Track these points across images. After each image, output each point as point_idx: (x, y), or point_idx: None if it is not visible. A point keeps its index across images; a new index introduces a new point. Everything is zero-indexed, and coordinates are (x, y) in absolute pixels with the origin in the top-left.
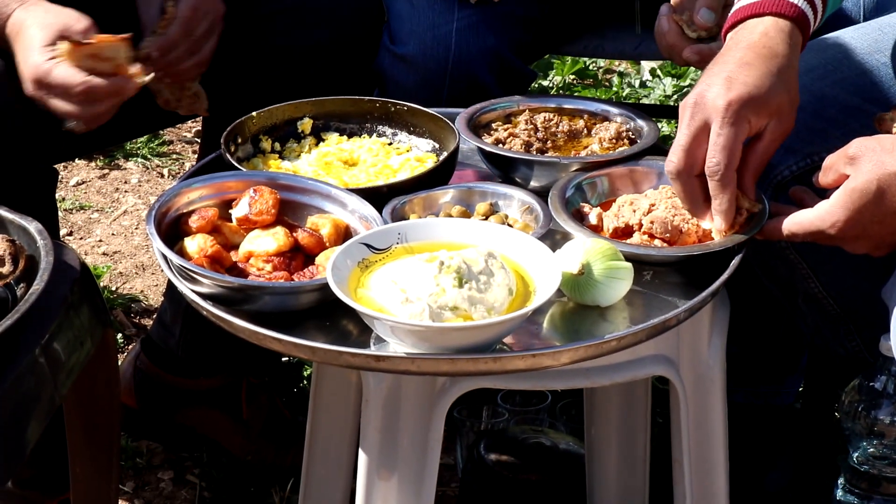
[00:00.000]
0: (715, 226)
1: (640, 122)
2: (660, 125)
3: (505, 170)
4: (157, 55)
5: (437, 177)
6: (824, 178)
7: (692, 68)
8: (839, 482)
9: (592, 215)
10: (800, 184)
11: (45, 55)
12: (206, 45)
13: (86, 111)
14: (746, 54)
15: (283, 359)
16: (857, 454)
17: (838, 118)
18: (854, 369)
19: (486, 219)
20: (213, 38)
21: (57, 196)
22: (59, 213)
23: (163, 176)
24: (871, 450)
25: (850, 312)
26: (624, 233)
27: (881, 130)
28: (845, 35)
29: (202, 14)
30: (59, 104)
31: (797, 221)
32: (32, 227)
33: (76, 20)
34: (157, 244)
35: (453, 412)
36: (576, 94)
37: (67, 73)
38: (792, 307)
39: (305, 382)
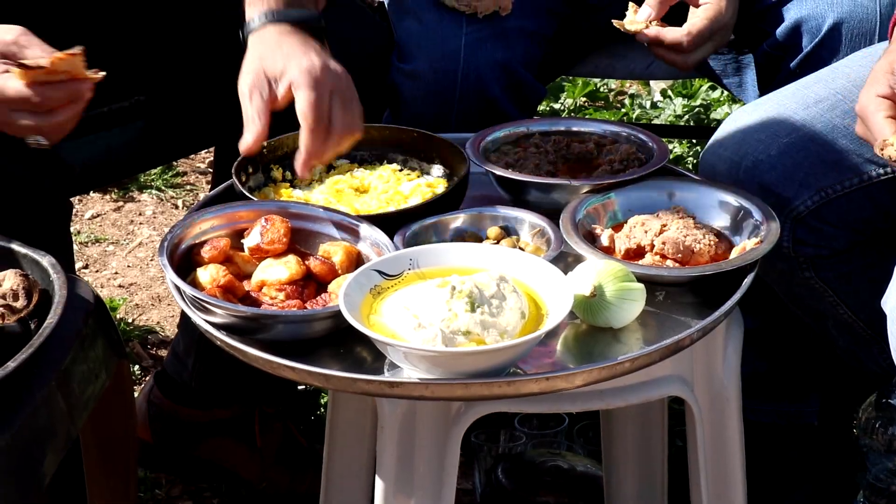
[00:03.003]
0: None
1: (650, 144)
2: (670, 145)
3: (516, 193)
4: (304, 174)
5: (448, 202)
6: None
7: (702, 88)
8: (858, 499)
9: (604, 237)
10: (815, 218)
11: None
12: (340, 117)
13: (46, 122)
14: None
15: (300, 387)
16: (875, 471)
17: (849, 148)
18: (873, 385)
19: (498, 243)
20: (348, 109)
21: (72, 229)
22: (75, 246)
23: (177, 207)
24: (890, 466)
25: (880, 333)
26: (636, 254)
27: (883, 156)
28: (852, 63)
29: (325, 98)
30: (21, 118)
31: None
32: (45, 261)
33: (30, 44)
34: (170, 275)
35: (470, 437)
36: (587, 116)
37: (20, 86)
38: (822, 331)
39: (322, 410)
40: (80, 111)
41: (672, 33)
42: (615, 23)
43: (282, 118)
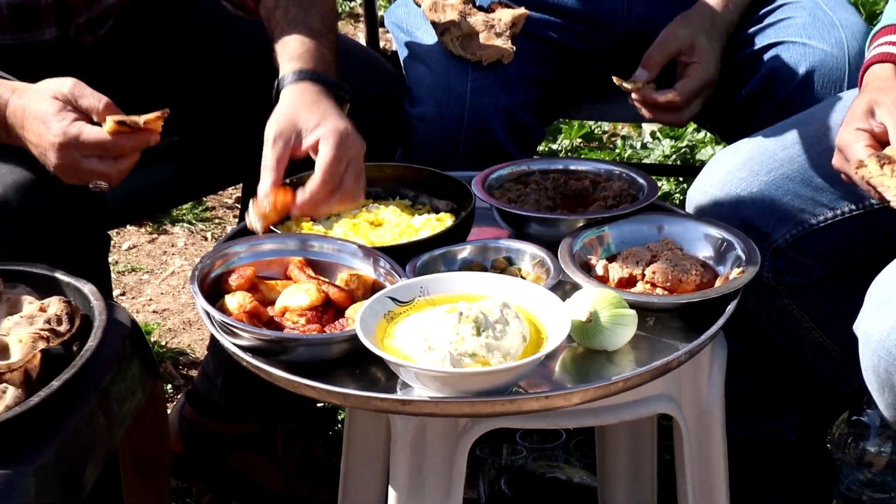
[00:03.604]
0: None
1: (641, 181)
2: (659, 183)
3: (518, 227)
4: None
5: (455, 234)
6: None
7: (689, 131)
8: None
9: (599, 267)
10: (793, 250)
11: (66, 120)
12: (349, 184)
13: (114, 168)
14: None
15: (319, 404)
16: (847, 482)
17: (824, 186)
18: (845, 403)
19: (501, 272)
20: (358, 179)
21: (110, 260)
22: (113, 276)
23: (206, 239)
24: (861, 478)
25: (853, 356)
26: (628, 282)
27: (856, 176)
28: (825, 108)
29: (344, 160)
30: (92, 164)
31: None
32: (87, 288)
33: (83, 93)
34: (200, 302)
35: (475, 450)
36: (582, 156)
37: (97, 132)
38: (799, 354)
39: (340, 425)
40: (138, 157)
41: (665, 95)
42: (615, 79)
43: (304, 160)
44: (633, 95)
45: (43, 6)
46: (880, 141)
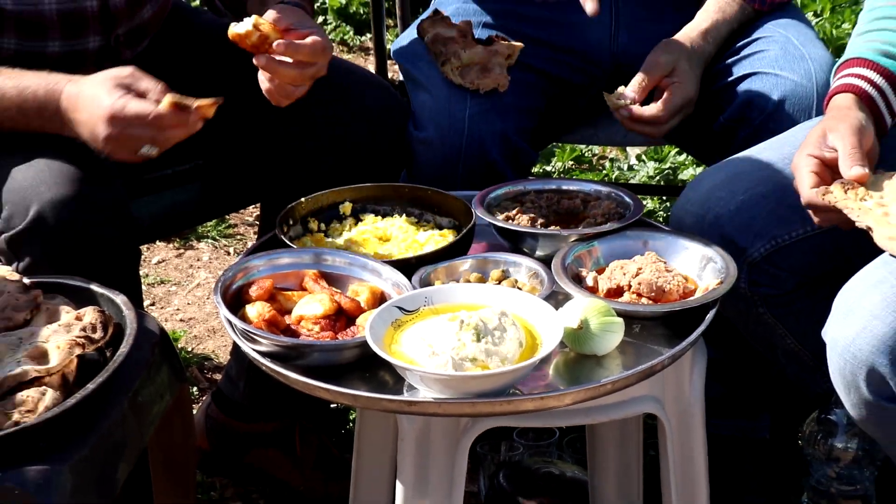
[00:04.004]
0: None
1: (628, 200)
2: (644, 202)
3: (514, 242)
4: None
5: (457, 249)
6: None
7: (671, 153)
8: (804, 500)
9: (589, 278)
10: (768, 263)
11: (115, 95)
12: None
13: (159, 136)
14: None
15: (332, 405)
16: (817, 476)
17: (796, 204)
18: (815, 404)
19: (499, 283)
20: (308, 82)
21: (141, 273)
22: (143, 287)
23: (229, 254)
24: (830, 472)
25: (822, 361)
26: (616, 293)
27: (824, 200)
28: (796, 133)
29: (316, 57)
30: (136, 131)
31: None
32: (119, 299)
33: (141, 77)
34: (223, 311)
35: (476, 447)
36: (574, 176)
37: (140, 104)
38: (773, 359)
39: (351, 425)
40: (188, 134)
41: (650, 110)
42: (605, 95)
43: (318, 180)
44: (622, 111)
45: (89, 14)
46: (829, 165)
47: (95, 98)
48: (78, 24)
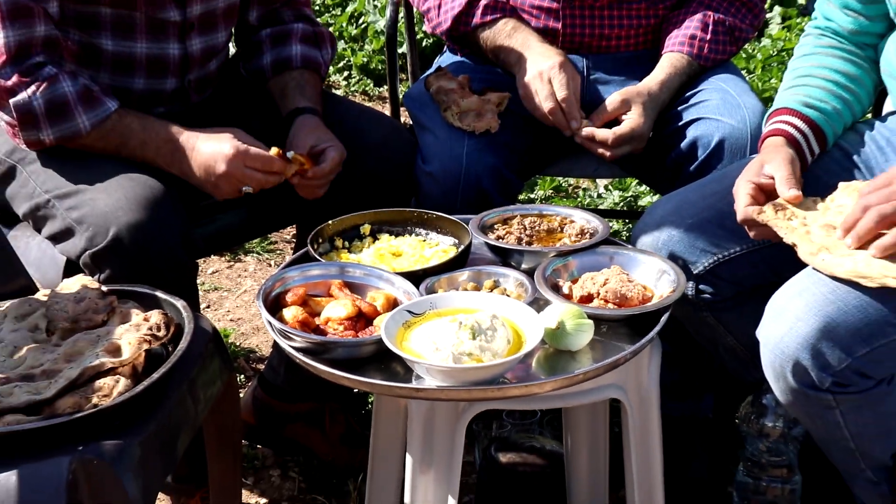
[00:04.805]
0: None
1: (597, 222)
2: (611, 224)
3: (504, 257)
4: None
5: (457, 263)
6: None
7: (633, 184)
8: (740, 469)
9: (565, 287)
10: (711, 275)
11: (236, 141)
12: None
13: (264, 178)
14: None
15: (355, 391)
16: (751, 449)
17: (734, 227)
18: (749, 389)
19: (491, 291)
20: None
21: (198, 281)
22: (200, 293)
23: (270, 265)
24: (761, 446)
25: (755, 355)
26: (587, 299)
27: (759, 219)
28: (734, 168)
29: (336, 170)
30: (251, 173)
31: None
32: (179, 304)
33: (243, 134)
34: (265, 314)
35: (472, 426)
36: (553, 203)
37: (259, 150)
38: (715, 353)
39: (370, 406)
40: (276, 182)
41: (602, 133)
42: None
43: (342, 206)
44: (583, 132)
45: (171, 59)
46: (764, 190)
47: (221, 139)
48: (161, 66)
